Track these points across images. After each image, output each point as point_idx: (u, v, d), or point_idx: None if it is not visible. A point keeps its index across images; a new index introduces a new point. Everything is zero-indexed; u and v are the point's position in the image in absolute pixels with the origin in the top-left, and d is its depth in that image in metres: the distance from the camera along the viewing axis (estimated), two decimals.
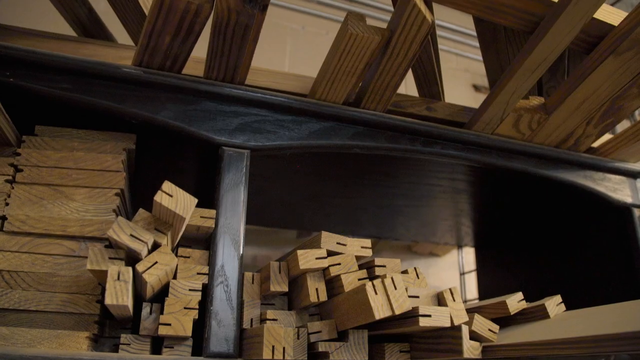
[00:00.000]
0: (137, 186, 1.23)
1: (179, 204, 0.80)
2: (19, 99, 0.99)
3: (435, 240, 2.22)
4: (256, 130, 1.09)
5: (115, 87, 1.03)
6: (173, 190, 0.80)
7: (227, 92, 1.08)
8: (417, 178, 1.43)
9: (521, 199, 1.62)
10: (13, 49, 0.98)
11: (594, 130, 1.33)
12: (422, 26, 0.96)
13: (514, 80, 1.11)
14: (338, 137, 1.16)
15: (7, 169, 0.98)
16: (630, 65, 1.09)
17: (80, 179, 1.00)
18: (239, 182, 1.04)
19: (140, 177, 1.22)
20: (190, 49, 1.00)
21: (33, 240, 0.95)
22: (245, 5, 0.89)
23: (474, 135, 1.27)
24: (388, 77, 1.08)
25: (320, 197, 1.59)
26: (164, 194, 0.79)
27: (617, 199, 1.44)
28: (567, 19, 0.97)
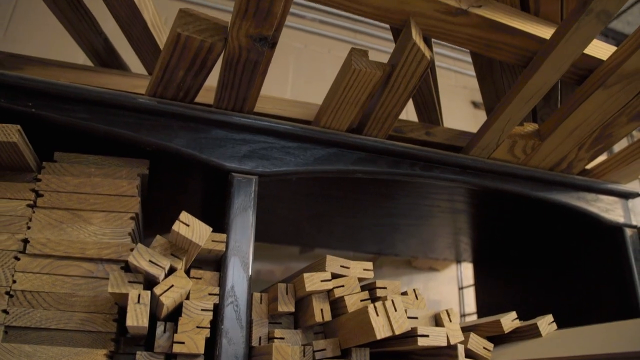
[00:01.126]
0: (148, 206, 1.29)
1: (195, 232, 0.86)
2: (39, 127, 1.05)
3: (435, 256, 2.28)
4: (264, 156, 1.15)
5: (130, 117, 1.08)
6: (190, 220, 0.86)
7: (237, 121, 1.13)
8: (417, 199, 1.49)
9: (517, 218, 1.68)
10: (35, 81, 1.04)
11: (585, 154, 1.39)
12: (422, 62, 1.03)
13: (508, 109, 1.18)
14: (341, 163, 1.21)
15: (28, 194, 1.04)
16: (618, 97, 1.15)
17: (98, 203, 1.06)
18: (247, 206, 1.09)
19: (152, 198, 1.28)
20: (202, 82, 1.06)
21: (53, 262, 1.00)
22: (255, 44, 0.95)
23: (471, 159, 1.33)
24: (389, 108, 1.15)
25: (323, 216, 1.65)
26: (181, 224, 0.85)
27: (610, 219, 1.49)
28: (558, 56, 1.03)
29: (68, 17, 1.19)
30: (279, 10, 0.88)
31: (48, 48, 2.23)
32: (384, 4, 0.99)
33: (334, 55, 2.86)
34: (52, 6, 1.17)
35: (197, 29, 0.94)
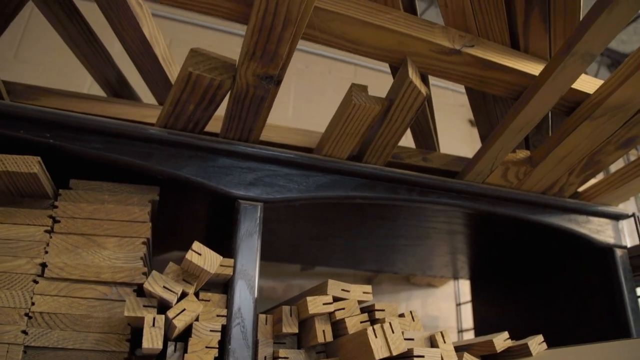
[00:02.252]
0: (156, 227, 1.34)
1: (206, 261, 0.92)
2: (56, 156, 1.11)
3: (432, 273, 2.34)
4: (268, 184, 1.21)
5: (143, 147, 1.15)
6: (202, 249, 0.92)
7: (243, 150, 1.20)
8: (415, 222, 1.55)
9: (512, 238, 1.74)
10: (53, 114, 1.10)
11: (576, 179, 1.45)
12: (418, 98, 1.09)
13: (501, 139, 1.24)
14: (342, 189, 1.27)
15: (46, 220, 1.10)
16: (604, 127, 1.22)
17: (111, 229, 1.12)
18: (253, 232, 1.15)
19: (160, 220, 1.34)
20: (211, 115, 1.12)
21: (70, 285, 1.06)
22: (261, 82, 1.01)
23: (466, 184, 1.39)
24: (387, 138, 1.21)
25: (323, 237, 1.71)
26: (194, 253, 0.91)
27: (600, 240, 1.55)
28: (546, 91, 1.10)
29: (84, 52, 1.26)
30: (285, 53, 0.95)
31: (57, 69, 2.30)
32: (383, 44, 1.06)
33: (334, 75, 2.92)
34: (69, 42, 1.23)
35: (207, 68, 1.01)
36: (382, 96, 1.14)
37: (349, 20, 1.00)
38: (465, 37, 1.11)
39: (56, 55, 2.26)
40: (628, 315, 1.47)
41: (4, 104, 1.07)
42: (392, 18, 1.03)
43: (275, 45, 0.92)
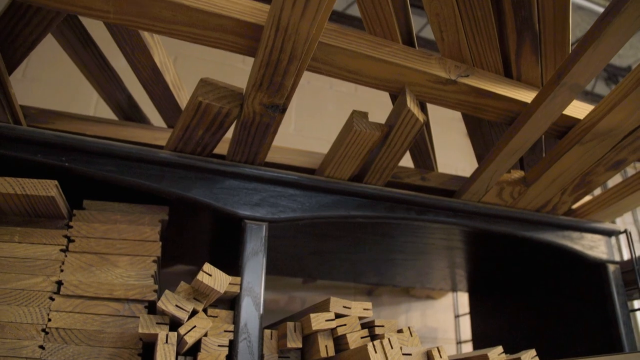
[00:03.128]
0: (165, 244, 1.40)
1: (216, 281, 0.98)
2: (70, 178, 1.16)
3: (431, 286, 2.40)
4: (273, 204, 1.26)
5: (153, 169, 1.20)
6: (212, 271, 0.98)
7: (249, 172, 1.25)
8: (414, 238, 1.61)
9: (508, 254, 1.80)
10: (69, 139, 1.15)
11: (568, 198, 1.51)
12: (415, 125, 1.15)
13: (495, 162, 1.30)
14: (343, 209, 1.33)
15: (61, 240, 1.15)
16: (594, 151, 1.27)
17: (124, 248, 1.17)
18: (258, 250, 1.21)
19: (167, 236, 1.39)
20: (219, 139, 1.18)
21: (84, 302, 1.11)
22: (268, 110, 1.07)
23: (462, 203, 1.45)
24: (387, 161, 1.27)
25: (324, 252, 1.77)
26: (205, 274, 0.97)
27: (593, 256, 1.61)
28: (538, 118, 1.16)
29: (97, 78, 1.32)
30: (290, 84, 1.00)
31: (64, 86, 2.36)
32: (382, 75, 1.12)
33: (335, 90, 2.98)
34: (83, 69, 1.29)
35: (216, 97, 1.07)
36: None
37: (350, 53, 1.06)
38: (460, 67, 1.17)
39: (63, 73, 2.32)
40: (620, 328, 1.52)
41: (23, 129, 1.13)
42: (392, 51, 1.09)
43: (281, 78, 0.98)
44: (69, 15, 1.22)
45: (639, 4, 0.88)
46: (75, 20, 1.26)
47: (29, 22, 1.05)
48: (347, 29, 1.07)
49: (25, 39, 1.08)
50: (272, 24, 0.87)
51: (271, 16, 0.87)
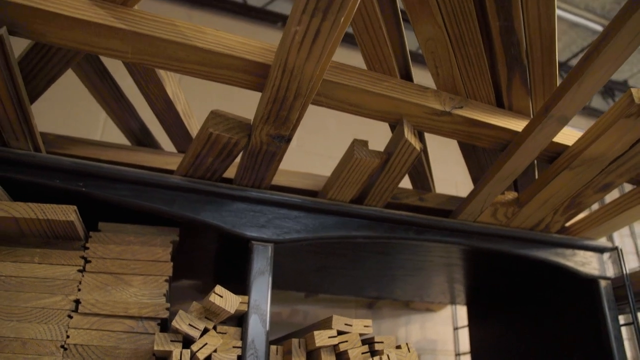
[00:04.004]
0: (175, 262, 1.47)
1: (227, 302, 1.05)
2: (87, 202, 1.23)
3: (430, 300, 2.47)
4: (278, 226, 1.34)
5: (165, 194, 1.27)
6: (223, 292, 1.05)
7: (255, 196, 1.32)
8: (412, 256, 1.68)
9: (504, 270, 1.87)
10: (86, 165, 1.23)
11: (560, 217, 1.58)
12: (413, 153, 1.22)
13: (488, 186, 1.37)
14: (345, 230, 1.40)
15: (78, 261, 1.22)
16: (582, 175, 1.35)
17: (137, 268, 1.24)
18: (264, 270, 1.28)
19: (176, 254, 1.46)
20: (227, 166, 1.25)
21: (100, 319, 1.18)
22: (274, 140, 1.14)
23: (458, 223, 1.52)
24: (386, 185, 1.34)
25: (326, 268, 1.84)
26: (216, 295, 1.04)
27: (585, 272, 1.67)
28: (528, 146, 1.23)
29: (112, 107, 1.39)
30: (295, 118, 1.08)
31: (73, 105, 2.43)
32: (381, 108, 1.19)
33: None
34: (99, 99, 1.37)
35: (225, 128, 1.14)
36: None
37: (351, 89, 1.14)
38: (454, 99, 1.24)
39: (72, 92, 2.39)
40: (611, 342, 1.59)
41: (43, 157, 1.20)
42: (390, 85, 1.17)
43: (287, 113, 1.06)
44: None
45: (617, 47, 0.96)
46: (93, 55, 1.33)
47: (50, 58, 1.13)
48: (348, 66, 1.14)
49: (47, 73, 1.16)
50: (279, 66, 0.94)
51: (278, 59, 0.94)
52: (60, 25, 0.97)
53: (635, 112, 1.11)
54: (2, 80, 1.00)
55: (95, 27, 0.96)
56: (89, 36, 0.98)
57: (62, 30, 0.98)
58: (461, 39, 1.14)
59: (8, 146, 1.19)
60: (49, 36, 0.99)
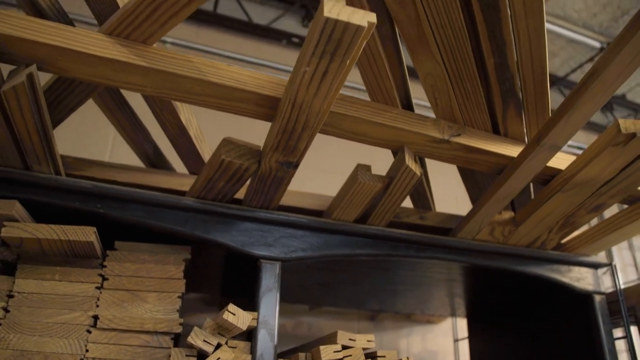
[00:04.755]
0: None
1: (239, 320, 1.12)
2: (103, 222, 1.30)
3: (431, 312, 2.53)
4: (285, 244, 1.40)
5: (179, 215, 1.34)
6: (236, 310, 1.12)
7: (264, 216, 1.39)
8: (413, 272, 1.75)
9: (503, 285, 1.94)
10: (103, 188, 1.30)
11: (555, 236, 1.65)
12: (413, 178, 1.30)
13: (485, 207, 1.44)
14: (349, 248, 1.47)
15: (96, 278, 1.29)
16: (574, 198, 1.42)
17: (152, 285, 1.31)
18: (272, 287, 1.35)
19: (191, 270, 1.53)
20: (237, 189, 1.32)
21: (118, 334, 1.25)
22: (282, 166, 1.22)
23: (457, 241, 1.59)
24: (388, 206, 1.41)
25: (330, 283, 1.91)
26: (229, 313, 1.11)
27: (580, 287, 1.74)
28: (522, 171, 1.31)
29: (128, 132, 1.47)
30: (303, 146, 1.15)
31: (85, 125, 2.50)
32: (384, 136, 1.27)
33: None
34: (117, 126, 1.44)
35: (237, 155, 1.21)
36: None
37: (356, 119, 1.21)
38: (453, 127, 1.32)
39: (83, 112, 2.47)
40: (606, 355, 1.65)
41: (64, 180, 1.27)
42: (392, 116, 1.24)
43: (295, 142, 1.13)
44: None
45: (604, 83, 1.03)
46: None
47: (73, 90, 1.20)
48: (353, 98, 1.22)
49: (69, 103, 1.23)
50: (289, 101, 1.01)
51: (288, 94, 1.01)
52: (85, 63, 1.04)
53: (623, 140, 1.18)
54: (29, 112, 1.07)
55: (117, 64, 1.04)
56: (111, 72, 1.06)
57: (86, 66, 1.05)
58: (459, 74, 1.21)
59: (31, 170, 1.26)
60: (74, 72, 1.07)
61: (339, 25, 0.83)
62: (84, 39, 1.03)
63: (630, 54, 0.96)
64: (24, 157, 1.23)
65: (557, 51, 4.12)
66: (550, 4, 3.65)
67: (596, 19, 3.82)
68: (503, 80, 1.24)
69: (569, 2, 3.64)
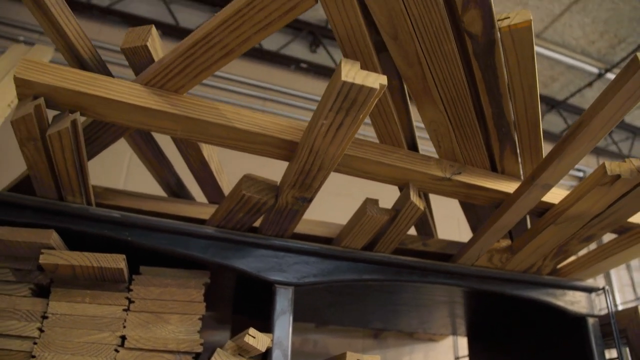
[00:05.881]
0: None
1: (259, 342, 1.23)
2: (130, 249, 1.41)
3: (432, 331, 2.64)
4: (298, 270, 1.51)
5: (200, 243, 1.45)
6: (256, 334, 1.24)
7: (279, 244, 1.50)
8: (416, 294, 1.86)
9: (501, 308, 2.04)
10: (131, 217, 1.41)
11: (550, 262, 1.76)
12: (417, 212, 1.41)
13: (484, 237, 1.55)
14: (356, 273, 1.58)
15: (123, 301, 1.40)
16: (567, 230, 1.53)
17: (175, 307, 1.42)
18: (286, 310, 1.45)
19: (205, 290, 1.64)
20: (255, 220, 1.43)
21: (143, 353, 1.35)
22: (298, 201, 1.33)
23: (458, 267, 1.70)
24: (393, 236, 1.52)
25: (337, 304, 2.01)
26: (250, 337, 1.22)
27: (574, 310, 1.84)
28: (518, 206, 1.42)
29: (153, 165, 1.58)
30: (317, 185, 1.27)
31: None
32: (391, 175, 1.39)
33: None
34: (142, 158, 1.56)
35: (256, 190, 1.32)
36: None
37: (366, 160, 1.33)
38: (454, 166, 1.43)
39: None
40: None
41: (95, 211, 1.38)
42: (398, 156, 1.36)
43: (311, 181, 1.25)
44: None
45: (590, 134, 1.15)
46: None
47: (107, 129, 1.32)
48: (364, 141, 1.34)
49: (104, 140, 1.35)
50: (306, 147, 1.13)
51: (305, 141, 1.13)
52: (123, 110, 1.16)
53: (609, 181, 1.29)
54: (70, 152, 1.18)
55: (152, 111, 1.16)
56: (146, 118, 1.18)
57: (124, 113, 1.17)
58: (459, 120, 1.33)
59: (65, 200, 1.37)
60: (112, 117, 1.19)
61: (354, 88, 0.95)
62: (123, 89, 1.15)
63: (612, 110, 1.08)
64: (60, 189, 1.34)
65: (557, 76, 4.25)
66: (549, 32, 3.77)
67: (594, 46, 3.94)
68: (500, 127, 1.35)
69: (567, 30, 3.77)
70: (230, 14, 1.01)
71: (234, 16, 1.02)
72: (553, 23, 3.62)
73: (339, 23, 1.07)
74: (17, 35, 3.00)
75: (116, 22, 3.29)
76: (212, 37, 1.07)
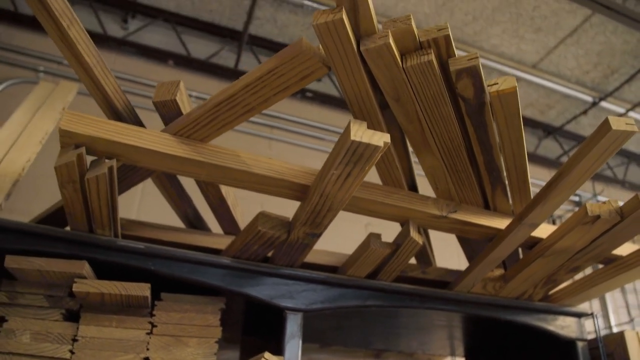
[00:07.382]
0: None
1: None
2: (152, 277, 1.53)
3: (431, 352, 2.76)
4: (307, 297, 1.64)
5: (217, 272, 1.57)
6: (270, 357, 1.36)
7: (289, 273, 1.63)
8: (416, 319, 1.99)
9: (496, 332, 2.17)
10: (154, 249, 1.54)
11: (540, 290, 1.89)
12: (417, 246, 1.55)
13: (478, 268, 1.69)
14: (360, 300, 1.71)
15: (146, 325, 1.52)
16: (554, 262, 1.66)
17: (193, 331, 1.54)
18: (295, 334, 1.58)
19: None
20: (268, 252, 1.57)
21: None
22: (308, 236, 1.47)
23: (455, 294, 1.83)
24: (395, 266, 1.66)
25: (340, 327, 2.14)
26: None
27: (564, 335, 1.97)
28: (509, 242, 1.55)
29: (173, 198, 1.72)
30: (327, 222, 1.40)
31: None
32: (393, 213, 1.53)
33: None
34: (164, 192, 1.70)
35: (270, 226, 1.46)
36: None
37: (370, 201, 1.47)
38: (450, 204, 1.57)
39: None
40: None
41: (122, 243, 1.51)
42: (400, 197, 1.50)
43: (322, 219, 1.39)
44: None
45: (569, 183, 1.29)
46: None
47: (137, 171, 1.46)
48: (368, 183, 1.48)
49: (133, 179, 1.49)
50: (317, 191, 1.27)
51: (317, 186, 1.27)
52: (154, 157, 1.30)
53: (590, 220, 1.43)
54: (104, 193, 1.32)
55: (179, 159, 1.30)
56: (174, 164, 1.32)
57: (154, 160, 1.31)
58: (454, 166, 1.47)
59: (94, 233, 1.51)
60: (144, 163, 1.33)
61: (361, 145, 1.10)
62: (153, 138, 1.30)
63: (588, 163, 1.22)
64: (90, 222, 1.47)
65: (553, 104, 4.40)
66: (545, 62, 3.93)
67: (588, 76, 4.09)
68: (491, 171, 1.49)
69: (562, 61, 3.92)
70: (253, 79, 1.16)
71: (256, 81, 1.17)
72: (548, 55, 3.77)
73: (349, 88, 1.22)
74: (37, 65, 3.15)
75: (131, 52, 3.44)
76: (236, 98, 1.22)
